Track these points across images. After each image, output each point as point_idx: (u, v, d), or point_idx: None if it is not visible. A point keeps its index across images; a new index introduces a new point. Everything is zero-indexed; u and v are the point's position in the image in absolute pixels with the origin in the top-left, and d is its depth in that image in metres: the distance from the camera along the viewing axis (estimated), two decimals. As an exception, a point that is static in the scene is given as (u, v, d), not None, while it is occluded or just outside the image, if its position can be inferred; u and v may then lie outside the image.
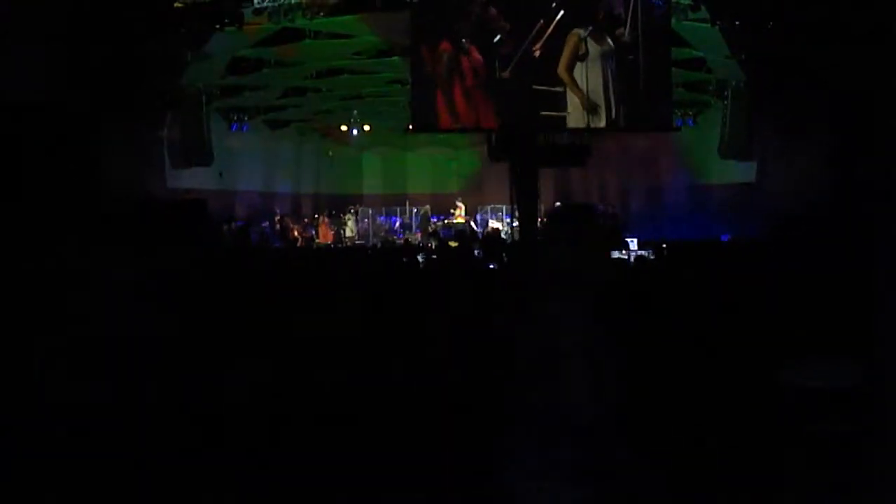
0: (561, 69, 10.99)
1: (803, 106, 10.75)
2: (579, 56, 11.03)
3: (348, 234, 17.29)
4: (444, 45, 11.10)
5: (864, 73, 9.41)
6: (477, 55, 11.05)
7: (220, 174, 14.58)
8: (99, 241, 5.04)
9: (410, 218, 18.17)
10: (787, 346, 4.95)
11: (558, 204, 13.47)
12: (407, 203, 18.51)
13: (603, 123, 11.24)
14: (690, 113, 15.24)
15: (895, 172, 4.38)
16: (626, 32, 10.99)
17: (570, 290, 3.96)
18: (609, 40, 10.92)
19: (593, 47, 11.06)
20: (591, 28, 10.86)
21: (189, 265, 4.88)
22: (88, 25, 9.16)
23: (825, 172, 10.39)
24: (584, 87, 11.03)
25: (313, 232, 16.74)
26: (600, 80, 10.95)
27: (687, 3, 10.98)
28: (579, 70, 11.05)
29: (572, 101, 11.11)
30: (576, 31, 10.98)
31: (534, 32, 10.93)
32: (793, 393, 4.66)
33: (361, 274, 5.42)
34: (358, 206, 18.38)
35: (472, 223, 16.81)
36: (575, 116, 11.12)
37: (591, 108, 11.08)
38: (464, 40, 11.05)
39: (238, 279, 5.46)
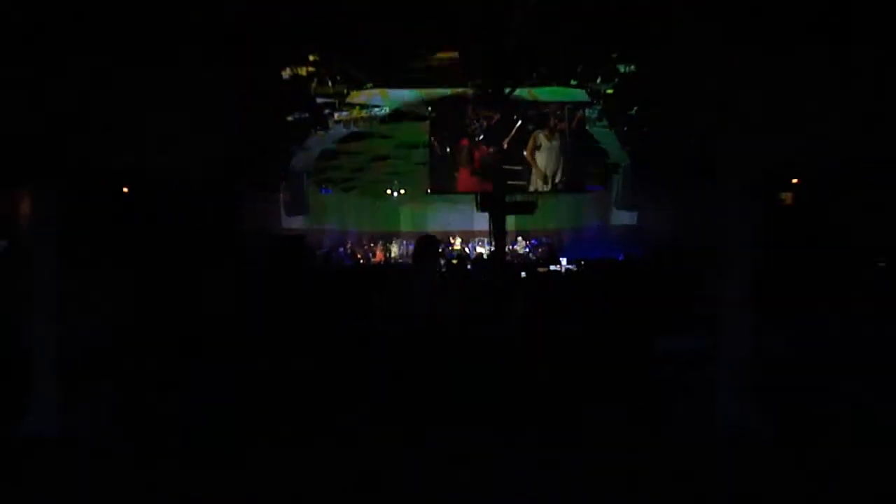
0: (527, 155, 11.24)
1: (666, 176, 11.13)
2: (537, 146, 11.31)
3: (393, 255, 17.55)
4: (436, 139, 11.29)
5: (705, 158, 9.77)
6: (473, 148, 11.32)
7: (313, 221, 14.81)
8: (241, 262, 5.50)
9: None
10: (658, 323, 5.32)
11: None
12: (427, 236, 18.62)
13: (549, 188, 11.47)
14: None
15: (723, 216, 4.63)
16: (561, 133, 11.29)
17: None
18: (556, 135, 11.21)
19: (544, 141, 11.32)
20: (544, 129, 11.19)
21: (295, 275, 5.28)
22: (239, 130, 9.52)
23: (681, 217, 10.75)
24: (541, 165, 11.27)
25: (370, 254, 17.01)
26: (550, 161, 11.20)
27: (594, 116, 11.38)
28: (537, 155, 11.31)
29: (532, 174, 11.34)
30: (535, 131, 11.25)
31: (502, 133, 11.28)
32: (661, 354, 5.00)
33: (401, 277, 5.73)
34: (397, 238, 18.69)
35: (466, 249, 17.01)
36: (532, 184, 11.34)
37: (542, 178, 11.31)
38: (461, 141, 11.33)
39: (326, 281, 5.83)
